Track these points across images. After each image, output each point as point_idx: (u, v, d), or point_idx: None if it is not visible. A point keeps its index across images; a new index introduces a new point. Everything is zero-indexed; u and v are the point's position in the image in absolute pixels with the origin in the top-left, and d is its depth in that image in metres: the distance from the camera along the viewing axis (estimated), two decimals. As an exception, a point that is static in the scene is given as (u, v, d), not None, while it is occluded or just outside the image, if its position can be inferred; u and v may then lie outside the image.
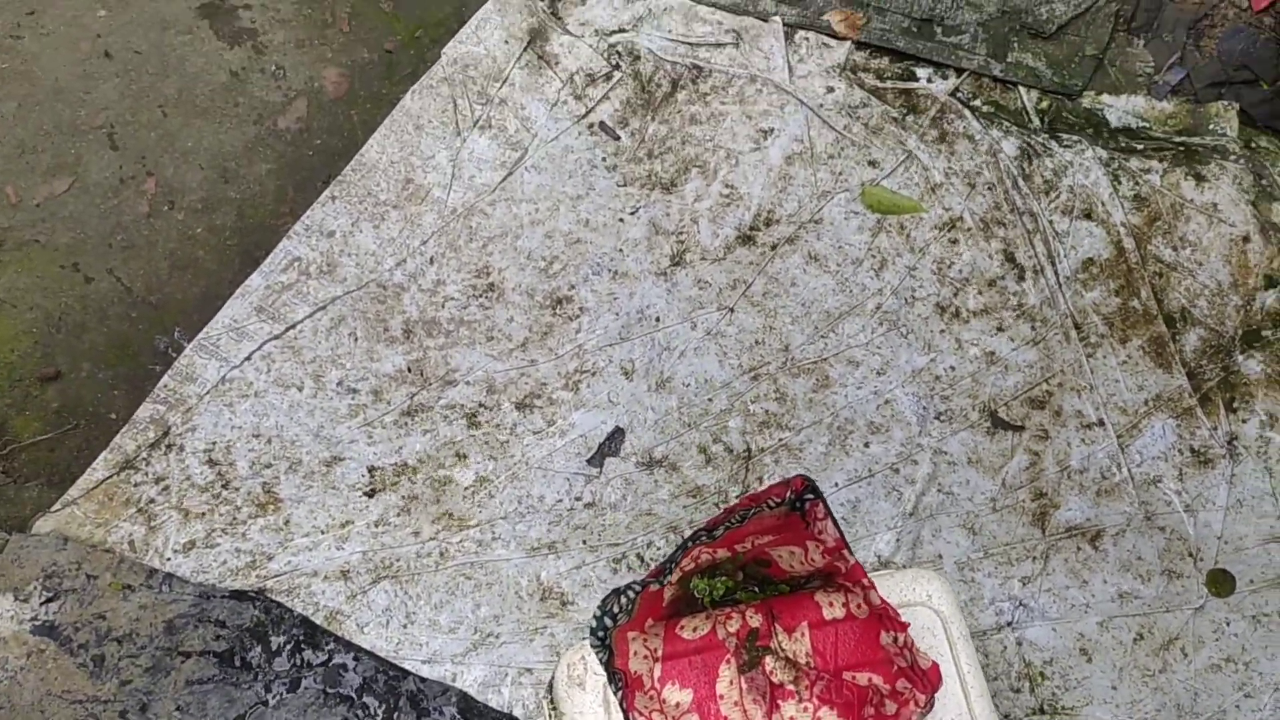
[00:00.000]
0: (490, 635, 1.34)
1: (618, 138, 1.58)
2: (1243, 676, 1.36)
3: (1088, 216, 1.56)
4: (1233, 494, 1.44)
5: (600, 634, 1.07)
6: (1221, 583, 1.40)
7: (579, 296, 1.49)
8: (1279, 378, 1.49)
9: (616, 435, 1.43)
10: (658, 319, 1.48)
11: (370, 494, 1.39)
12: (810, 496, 1.12)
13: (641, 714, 1.09)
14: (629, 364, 1.46)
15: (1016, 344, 1.50)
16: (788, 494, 1.12)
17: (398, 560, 1.37)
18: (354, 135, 1.59)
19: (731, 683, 1.14)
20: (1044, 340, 1.50)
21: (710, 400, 1.45)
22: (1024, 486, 1.44)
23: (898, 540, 1.40)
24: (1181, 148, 1.62)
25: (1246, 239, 1.55)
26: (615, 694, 1.07)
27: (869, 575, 1.11)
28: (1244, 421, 1.47)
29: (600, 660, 1.08)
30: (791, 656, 1.15)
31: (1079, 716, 1.34)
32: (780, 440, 1.44)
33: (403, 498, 1.40)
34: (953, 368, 1.49)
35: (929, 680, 1.11)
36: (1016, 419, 1.47)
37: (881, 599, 1.12)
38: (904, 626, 1.12)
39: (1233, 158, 1.60)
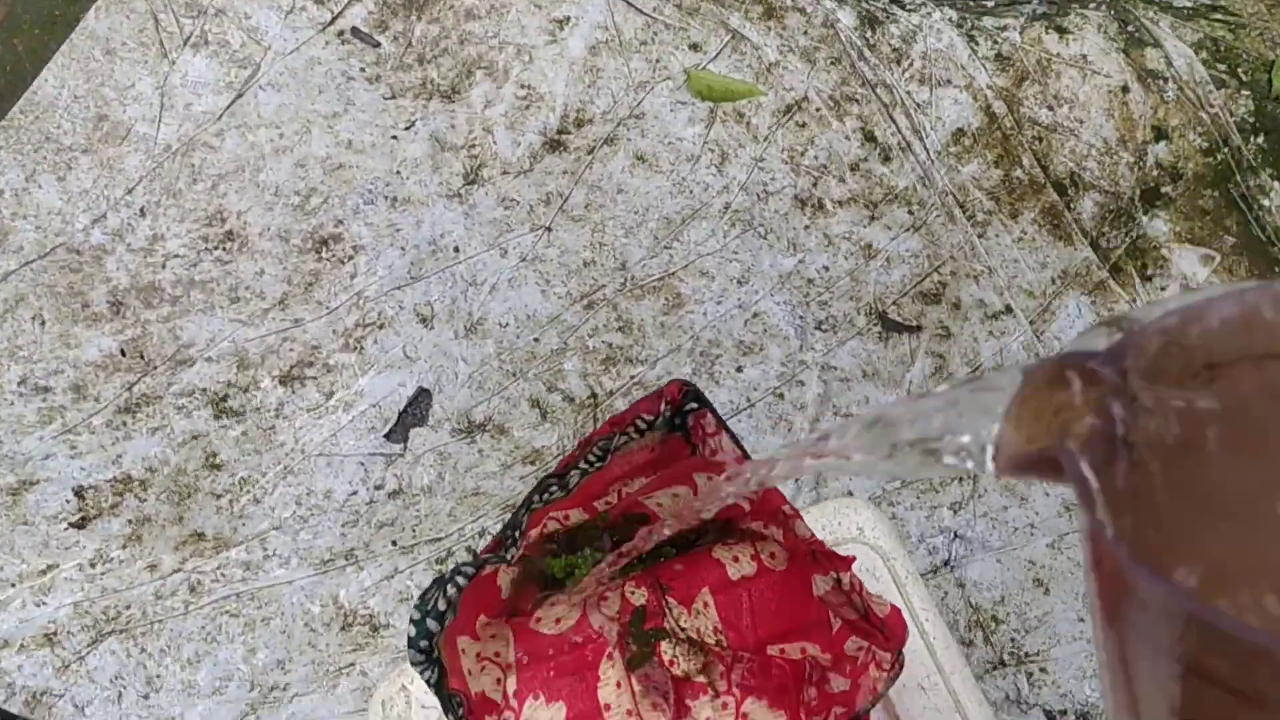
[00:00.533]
0: (275, 689, 0.96)
1: (377, 44, 1.25)
2: (1224, 580, 1.12)
3: (949, 83, 1.33)
4: (1168, 370, 1.21)
5: (423, 644, 0.72)
6: None
7: (350, 233, 1.14)
8: (1189, 235, 1.28)
9: (421, 399, 1.08)
10: (456, 249, 1.15)
11: (80, 524, 0.99)
12: (693, 406, 0.81)
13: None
14: (426, 308, 1.12)
15: (895, 232, 1.24)
16: (662, 407, 0.80)
17: (128, 608, 0.97)
18: (20, 69, 1.20)
19: (619, 685, 0.80)
20: (925, 224, 1.25)
21: (537, 341, 1.12)
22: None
23: (796, 481, 1.10)
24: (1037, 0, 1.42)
25: (1125, 89, 1.35)
26: (454, 721, 0.72)
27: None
28: (1162, 289, 1.25)
29: (428, 682, 0.72)
30: (695, 637, 0.82)
31: (1050, 661, 1.07)
32: (632, 377, 1.12)
33: (128, 523, 1.00)
34: (826, 268, 1.21)
35: (891, 631, 0.80)
36: (910, 318, 1.20)
37: (810, 531, 0.80)
38: (847, 564, 0.80)
39: (1092, 5, 1.40)
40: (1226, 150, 1.32)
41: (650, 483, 0.85)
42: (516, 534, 0.77)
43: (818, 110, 1.28)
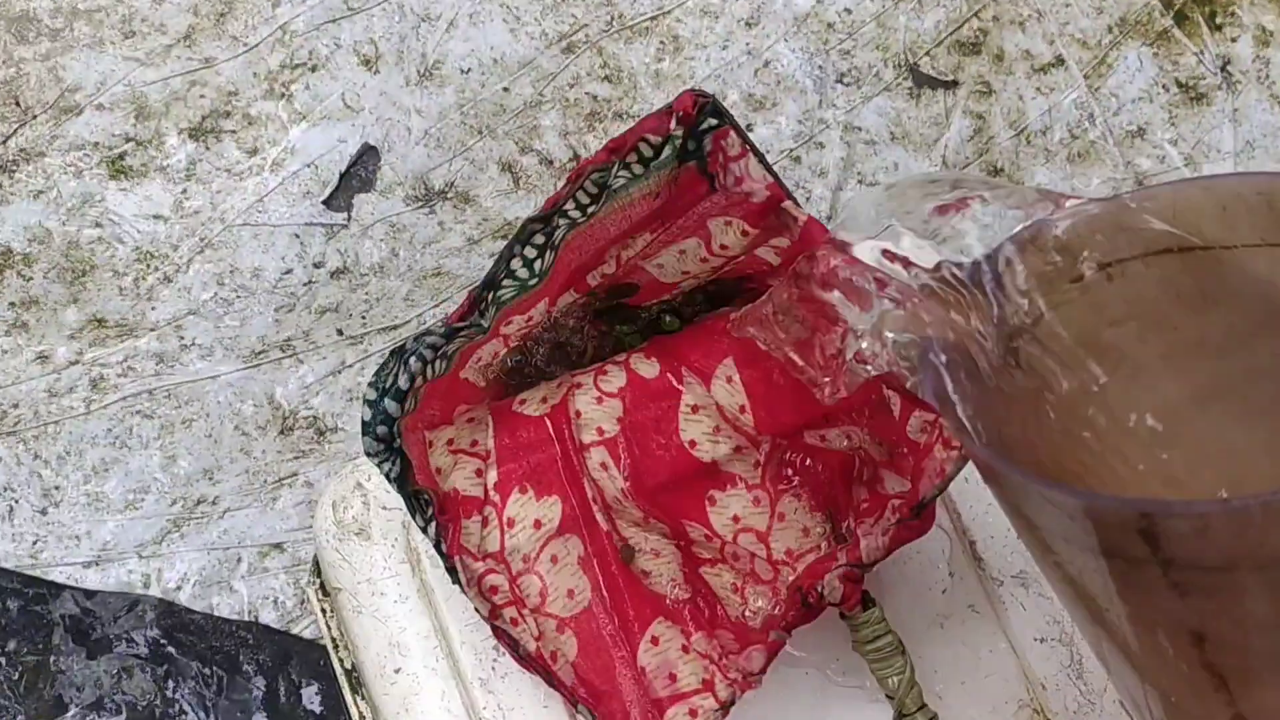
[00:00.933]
0: (201, 502, 0.80)
1: None
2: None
3: None
4: (1239, 135, 1.04)
5: (380, 430, 0.56)
6: None
7: (269, -48, 0.92)
8: (1266, -21, 1.10)
9: (367, 158, 0.89)
10: (403, -25, 0.93)
11: (-50, 306, 0.81)
12: (712, 123, 0.62)
13: (473, 556, 0.60)
14: (369, 47, 0.91)
15: (929, -32, 1.04)
16: (672, 125, 0.61)
17: (15, 407, 0.80)
18: None
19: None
20: (965, -41, 1.05)
21: (506, 91, 0.93)
22: (972, 162, 1.00)
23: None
24: None
25: None
26: (424, 530, 0.57)
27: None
28: (1233, 40, 1.07)
29: (387, 476, 0.57)
30: (727, 416, 0.67)
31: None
32: (622, 136, 0.94)
33: (10, 306, 0.82)
34: (848, 10, 1.01)
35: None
36: (945, 71, 1.02)
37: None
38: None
39: None
40: (1312, -121, 1.12)
41: (653, 241, 0.67)
42: (490, 296, 0.60)
43: None
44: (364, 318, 0.86)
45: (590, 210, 0.59)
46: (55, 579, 0.77)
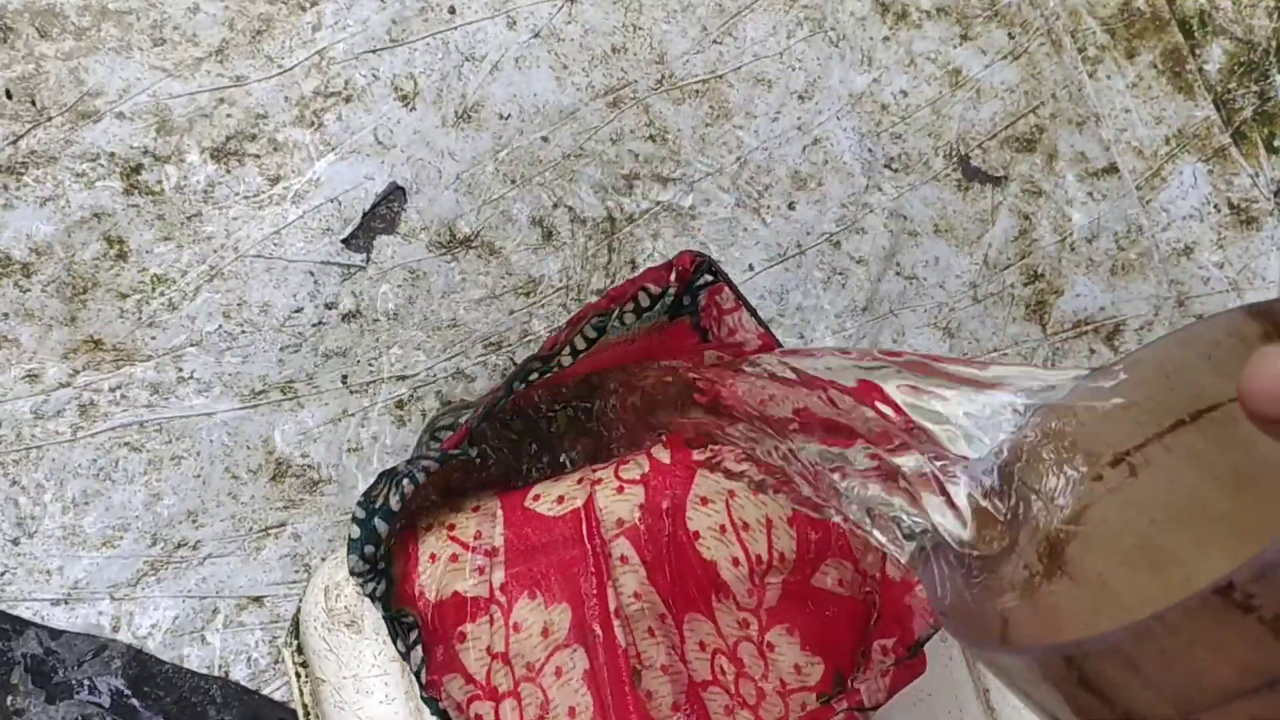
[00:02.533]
0: (182, 546, 0.76)
1: None
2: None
3: (1073, -121, 1.07)
4: (1287, 264, 1.01)
5: (367, 550, 0.53)
6: None
7: (314, -29, 0.88)
8: (1328, 105, 1.07)
9: (393, 198, 0.85)
10: (452, 9, 0.89)
11: (-59, 312, 0.77)
12: (708, 279, 0.60)
13: (465, 677, 0.56)
14: (408, 82, 0.87)
15: (989, 58, 1.00)
16: (670, 278, 0.59)
17: (-3, 426, 0.76)
18: None
19: (637, 595, 0.62)
20: (1026, 53, 1.01)
21: (546, 141, 0.89)
22: (1013, 265, 0.97)
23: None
24: None
25: (1280, -86, 1.10)
26: (405, 656, 0.53)
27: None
28: (1290, 164, 1.05)
29: (371, 595, 0.53)
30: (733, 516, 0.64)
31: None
32: (659, 202, 0.90)
33: (3, 316, 0.78)
34: (904, 92, 0.98)
35: None
36: (996, 167, 0.99)
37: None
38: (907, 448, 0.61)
39: None
40: (1385, 6, 1.09)
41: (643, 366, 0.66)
42: (486, 428, 0.58)
43: (914, -108, 1.03)
44: (372, 365, 0.82)
45: (583, 352, 0.58)
46: (21, 614, 0.73)
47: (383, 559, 0.52)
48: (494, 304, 0.85)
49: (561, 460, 0.70)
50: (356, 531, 0.51)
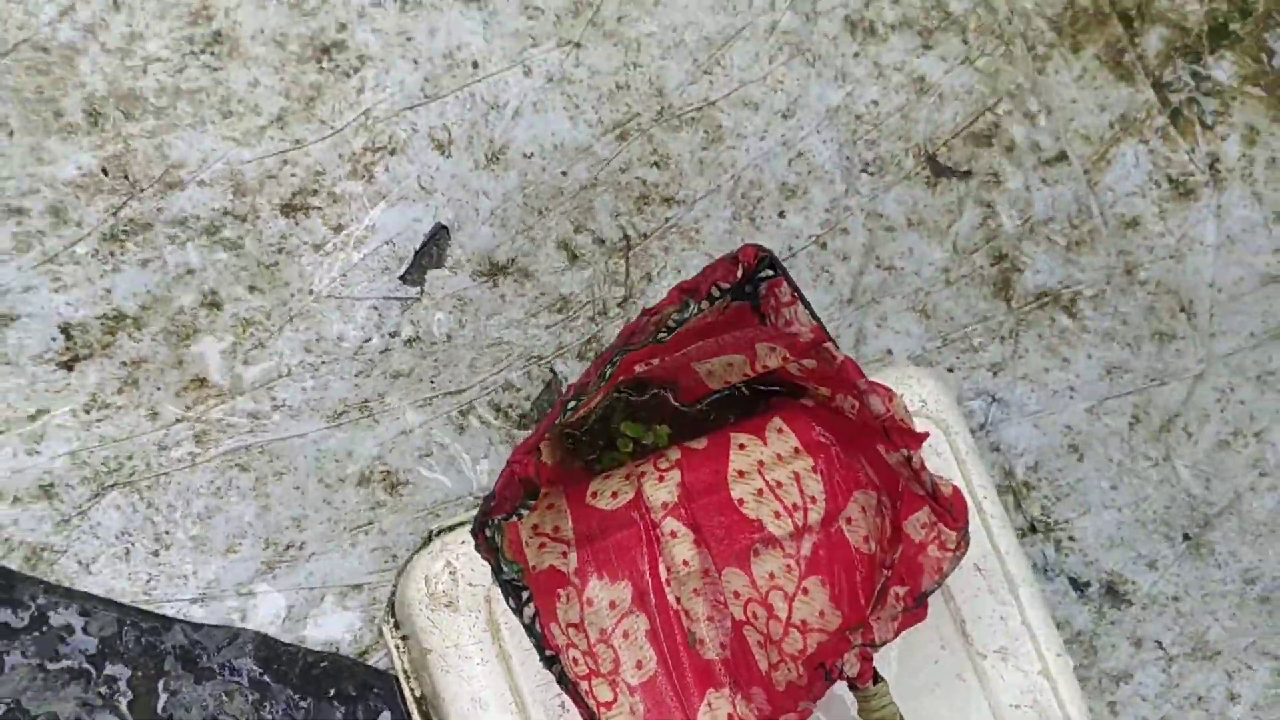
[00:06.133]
0: (290, 547, 0.91)
1: None
2: (1255, 451, 1.10)
3: (1017, -109, 1.19)
4: (1221, 229, 1.15)
5: (489, 522, 0.67)
6: None
7: (355, 40, 1.01)
8: (1255, 79, 1.19)
9: (439, 237, 0.99)
10: (475, 64, 1.02)
11: (69, 365, 0.91)
12: (769, 273, 0.74)
13: (561, 630, 0.71)
14: (442, 132, 1.01)
15: (950, 64, 1.13)
16: (738, 273, 0.73)
17: (129, 459, 0.90)
18: None
19: (686, 563, 0.77)
20: (983, 55, 1.14)
21: (565, 174, 1.02)
22: (980, 249, 1.10)
23: (836, 337, 1.04)
24: None
25: (1207, -92, 1.22)
26: (516, 610, 0.68)
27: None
28: (1223, 139, 1.17)
29: (495, 565, 0.68)
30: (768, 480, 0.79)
31: (1076, 529, 1.06)
32: (667, 219, 1.04)
33: (124, 365, 0.92)
34: (875, 102, 1.11)
35: (957, 511, 0.77)
36: (961, 162, 1.12)
37: (883, 407, 0.74)
38: (919, 440, 0.75)
39: None
40: (1306, -15, 1.22)
41: (705, 346, 0.79)
42: (582, 396, 0.71)
43: (874, -84, 1.15)
44: (433, 382, 0.97)
45: (663, 338, 0.72)
46: (166, 613, 0.88)
47: (495, 534, 0.66)
48: (531, 321, 1.00)
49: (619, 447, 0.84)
50: (481, 509, 0.66)
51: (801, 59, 1.09)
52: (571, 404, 0.71)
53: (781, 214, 1.06)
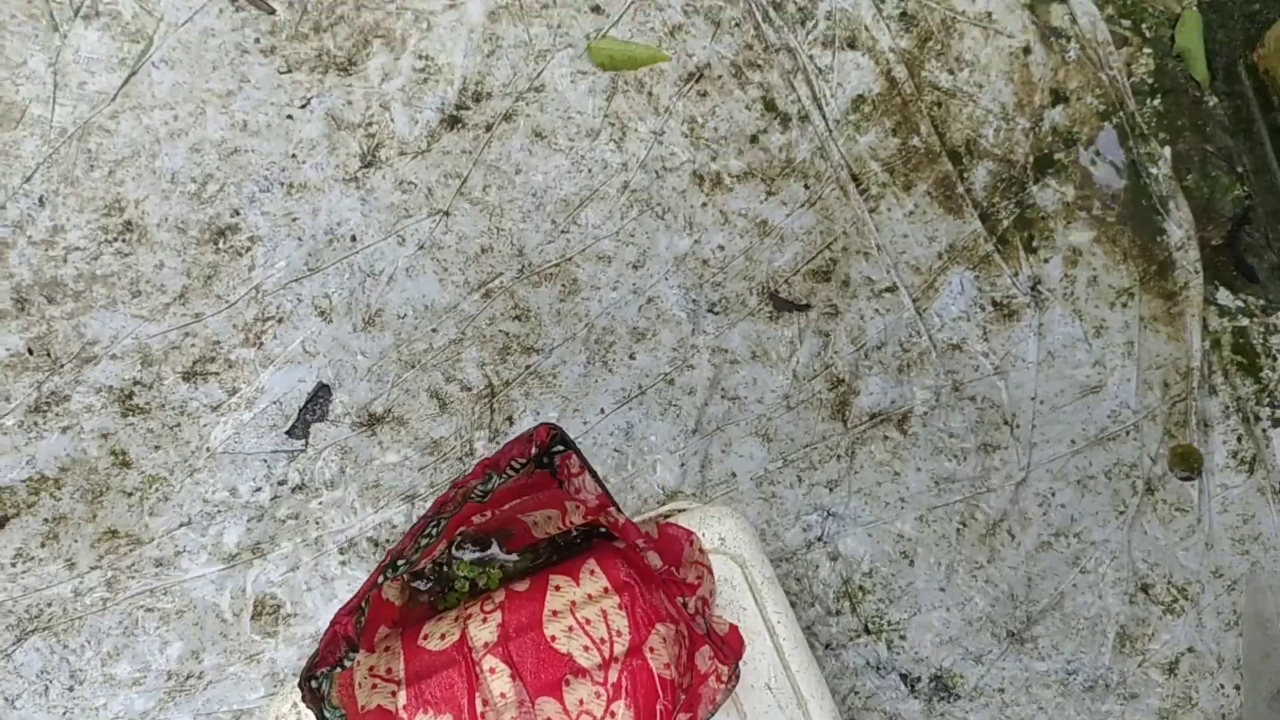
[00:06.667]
0: (190, 678, 1.05)
1: (272, 11, 1.23)
2: (1075, 549, 1.21)
3: (852, 46, 1.33)
4: (1042, 346, 1.27)
5: (311, 685, 0.80)
6: (1189, 459, 1.24)
7: (247, 223, 1.15)
8: (1077, 204, 1.32)
9: (321, 394, 1.13)
10: (353, 238, 1.17)
11: (0, 524, 1.05)
12: (559, 449, 0.87)
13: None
14: (324, 301, 1.15)
15: (790, 209, 1.26)
16: (532, 450, 0.86)
17: (49, 606, 1.04)
18: (-95, 45, 1.18)
19: (503, 695, 0.89)
20: (820, 199, 1.27)
21: (435, 331, 1.16)
22: (818, 375, 1.23)
23: (682, 465, 1.17)
24: (944, -46, 1.40)
25: (1027, 50, 1.35)
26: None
27: (643, 523, 0.88)
28: (1045, 261, 1.30)
29: (317, 711, 0.81)
30: (578, 618, 0.92)
31: (908, 629, 1.17)
32: (528, 366, 1.17)
33: (45, 521, 1.06)
34: (721, 247, 1.24)
35: (730, 647, 0.90)
36: (800, 297, 1.25)
37: (663, 563, 0.88)
38: (692, 589, 0.89)
39: (1002, -42, 1.39)
40: (1122, 114, 1.34)
41: (524, 502, 0.93)
42: (400, 562, 0.84)
43: (719, 78, 1.29)
44: (318, 523, 1.10)
45: (468, 501, 0.85)
46: (79, 741, 1.02)
47: (322, 683, 0.79)
48: (405, 465, 1.13)
49: (456, 587, 0.97)
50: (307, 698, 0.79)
51: (651, 213, 1.23)
52: (389, 570, 0.84)
53: (632, 355, 1.19)
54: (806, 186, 1.27)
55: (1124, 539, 1.22)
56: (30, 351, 1.09)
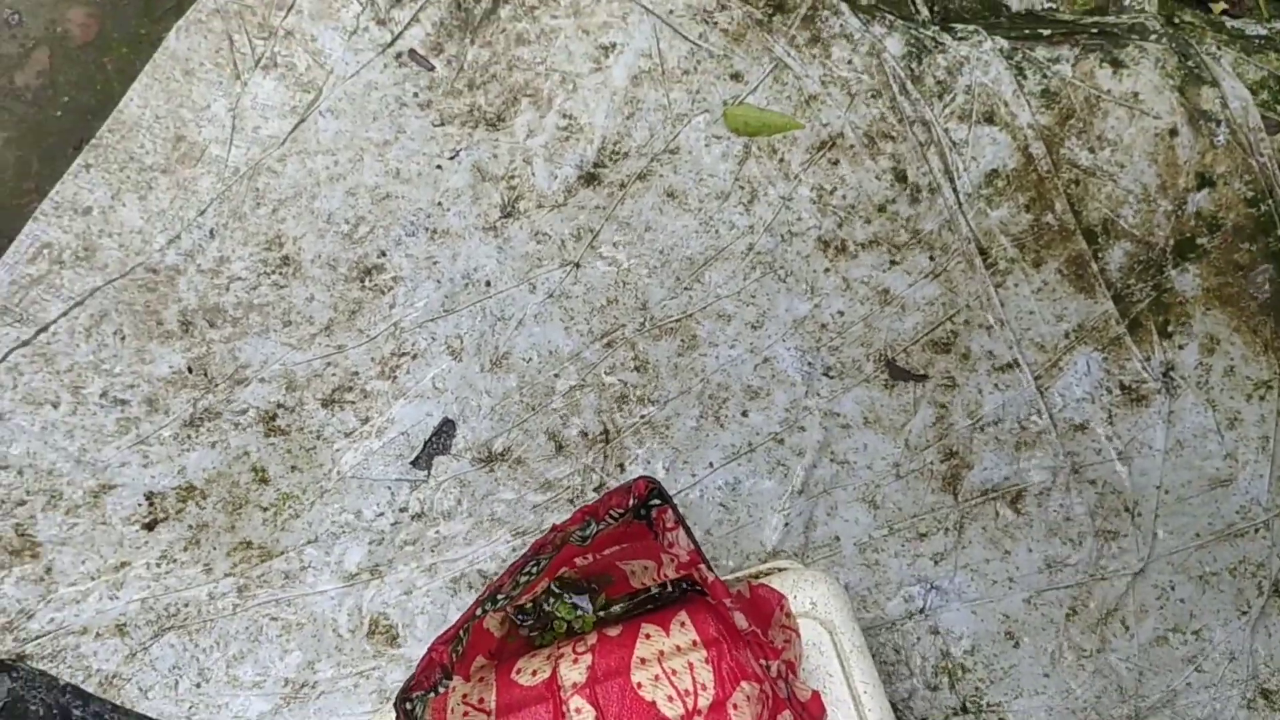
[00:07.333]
0: (305, 686, 1.12)
1: (432, 68, 1.32)
2: (1193, 648, 1.17)
3: (989, 121, 1.33)
4: (1171, 434, 1.23)
5: (406, 707, 0.85)
6: None
7: (391, 264, 1.24)
8: (1219, 292, 1.28)
9: (445, 429, 1.19)
10: (488, 283, 1.24)
11: (149, 526, 1.15)
12: (656, 502, 0.90)
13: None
14: (456, 341, 1.22)
15: (914, 278, 1.27)
16: (630, 501, 0.90)
17: (185, 606, 1.13)
18: (109, 88, 1.31)
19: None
20: (945, 271, 1.28)
21: (557, 376, 1.22)
22: (931, 446, 1.23)
23: (786, 525, 1.19)
24: (1095, 30, 1.39)
25: (1174, 132, 1.33)
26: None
27: (736, 582, 0.90)
28: (1180, 348, 1.27)
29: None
30: (665, 667, 0.94)
31: (1008, 713, 1.15)
32: (643, 416, 1.21)
33: (189, 528, 1.15)
34: (841, 312, 1.26)
35: (810, 714, 0.91)
36: (918, 367, 1.25)
37: (750, 624, 0.90)
38: (777, 653, 0.90)
39: (1153, 37, 1.37)
40: (1271, 202, 1.30)
41: (623, 550, 0.96)
42: (499, 594, 0.89)
43: (851, 147, 1.31)
44: (432, 551, 1.16)
45: (565, 544, 0.89)
46: (201, 736, 1.09)
47: (416, 706, 0.84)
48: (520, 502, 1.18)
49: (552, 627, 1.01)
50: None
51: (774, 275, 1.26)
52: (487, 603, 0.88)
53: (744, 413, 1.22)
54: (932, 258, 1.28)
55: (1246, 640, 1.17)
56: (190, 370, 1.19)
